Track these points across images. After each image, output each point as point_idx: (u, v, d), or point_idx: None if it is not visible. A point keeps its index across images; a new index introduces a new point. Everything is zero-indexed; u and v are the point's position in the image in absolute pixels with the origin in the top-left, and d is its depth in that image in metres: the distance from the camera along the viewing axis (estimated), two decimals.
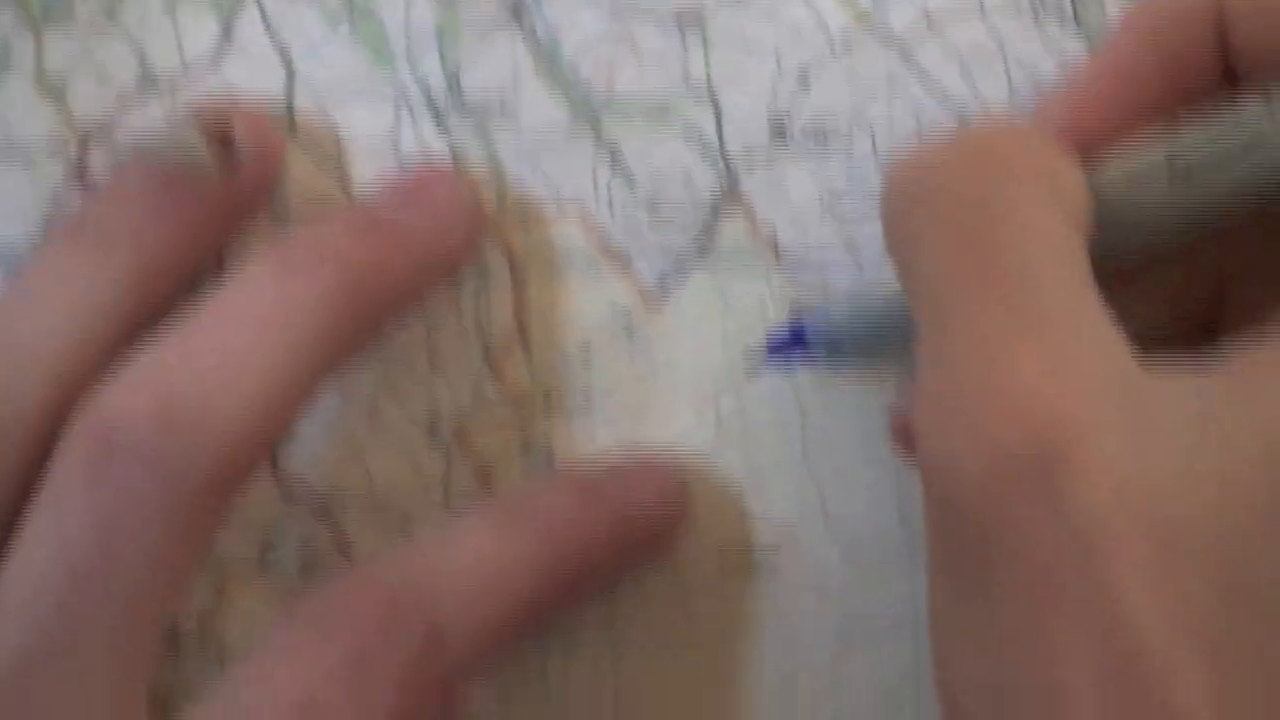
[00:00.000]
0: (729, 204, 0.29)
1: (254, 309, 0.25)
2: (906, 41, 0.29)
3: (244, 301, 0.25)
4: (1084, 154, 0.23)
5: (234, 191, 0.27)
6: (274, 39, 0.29)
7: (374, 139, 0.29)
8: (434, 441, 0.29)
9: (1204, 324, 0.25)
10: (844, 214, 0.29)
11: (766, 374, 0.29)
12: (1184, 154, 0.22)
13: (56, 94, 0.29)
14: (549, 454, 0.29)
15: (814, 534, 0.29)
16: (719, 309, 0.29)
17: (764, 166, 0.29)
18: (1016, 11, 0.29)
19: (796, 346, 0.28)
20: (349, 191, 0.29)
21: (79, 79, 0.29)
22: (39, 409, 0.25)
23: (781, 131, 0.29)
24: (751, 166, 0.29)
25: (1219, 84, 0.24)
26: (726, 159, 0.29)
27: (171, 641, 0.29)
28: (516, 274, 0.29)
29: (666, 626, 0.29)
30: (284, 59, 0.29)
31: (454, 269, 0.28)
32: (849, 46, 0.29)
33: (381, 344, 0.29)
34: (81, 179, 0.29)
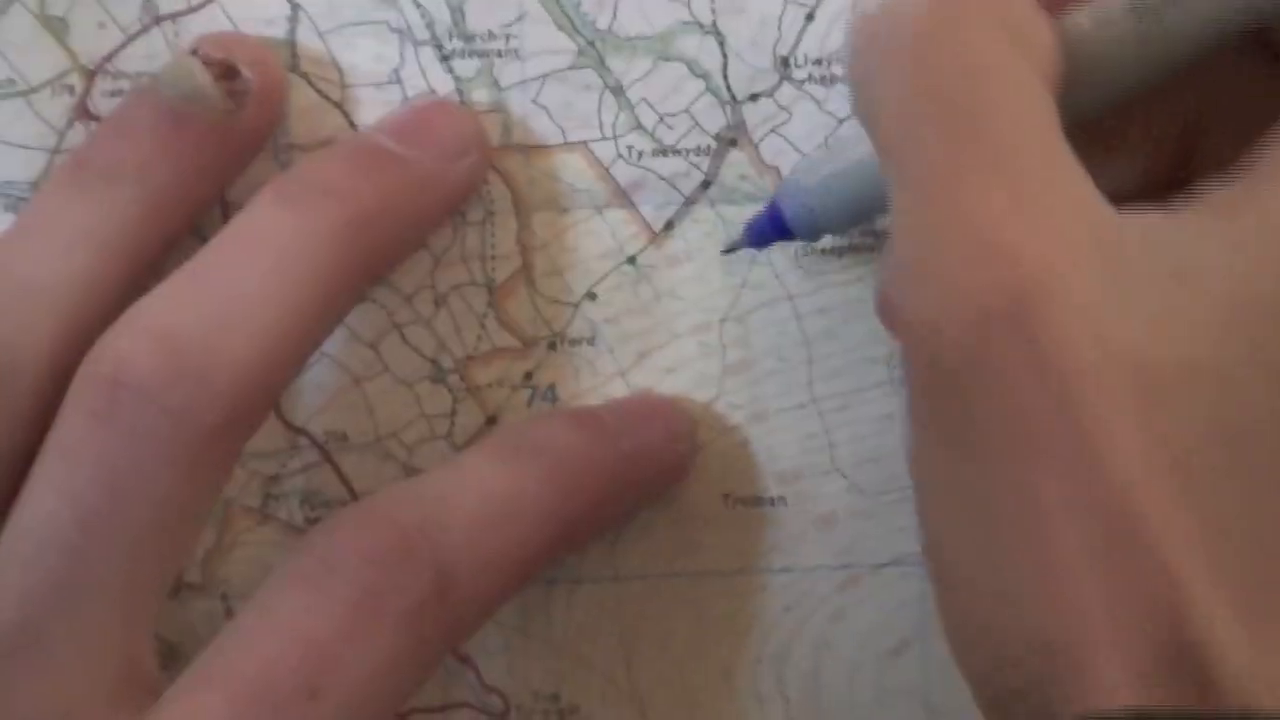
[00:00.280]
0: (733, 137, 0.29)
1: (260, 247, 0.24)
2: None
3: (250, 240, 0.25)
4: (1051, 7, 0.23)
5: (239, 125, 0.27)
6: None
7: (378, 74, 0.29)
8: (438, 380, 0.29)
9: (1173, 183, 0.25)
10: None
11: (768, 306, 0.29)
12: None
13: (59, 30, 0.29)
14: (554, 389, 0.29)
15: (819, 465, 0.29)
16: (722, 241, 0.29)
17: (768, 98, 0.29)
18: None
19: (774, 229, 0.27)
20: (353, 127, 0.29)
21: (82, 15, 0.29)
22: (48, 349, 0.24)
23: (786, 63, 0.29)
24: (756, 99, 0.29)
25: None
26: (731, 92, 0.29)
27: (175, 588, 0.29)
28: (520, 209, 0.29)
29: (669, 560, 0.29)
30: None
31: (460, 201, 0.28)
32: None
33: (385, 282, 0.29)
34: (85, 115, 0.29)
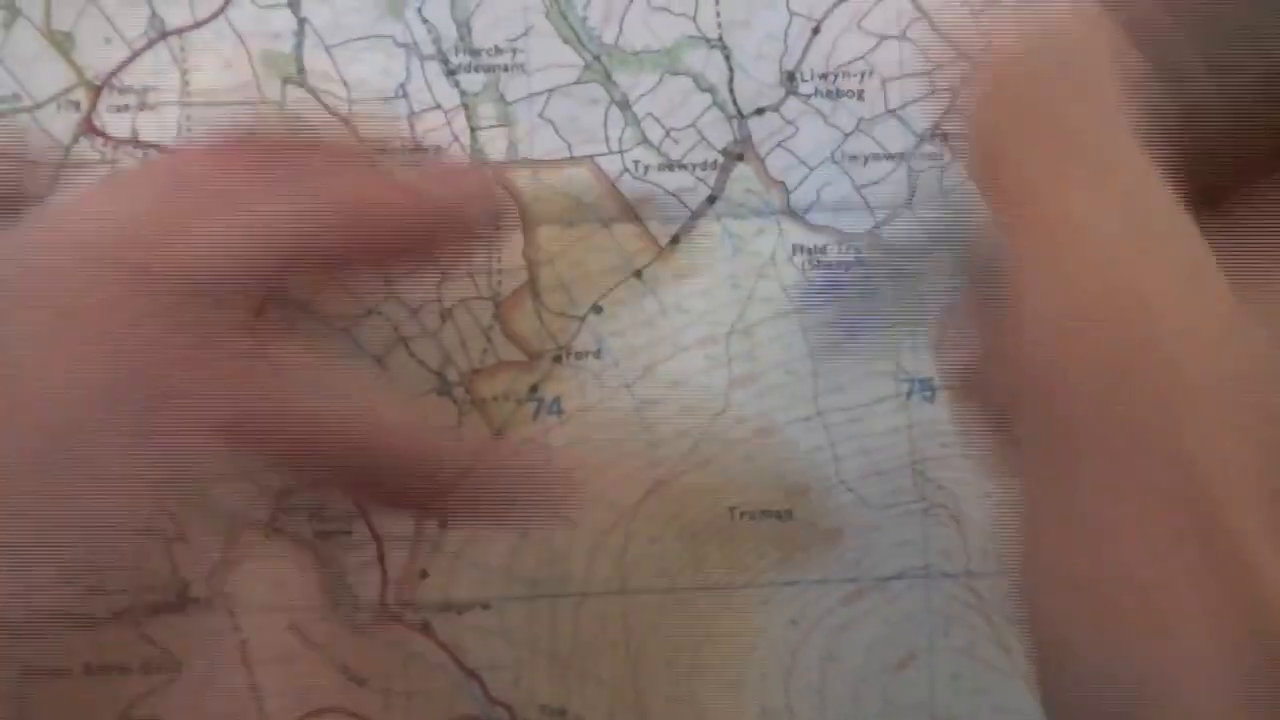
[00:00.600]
0: (739, 151, 0.29)
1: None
2: None
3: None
4: None
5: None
6: None
7: (384, 89, 0.29)
8: (444, 393, 0.29)
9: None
10: (853, 159, 0.29)
11: (774, 320, 0.29)
12: None
13: (65, 45, 0.29)
14: (559, 402, 0.29)
15: (825, 478, 0.29)
16: (729, 253, 0.29)
17: (774, 113, 0.29)
18: None
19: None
20: (360, 140, 0.29)
21: (87, 30, 0.29)
22: None
23: (792, 77, 0.29)
24: (762, 113, 0.29)
25: None
26: (737, 106, 0.29)
27: (180, 602, 0.29)
28: (527, 223, 0.29)
29: (676, 574, 0.29)
30: (294, 7, 0.29)
31: (466, 235, 0.28)
32: None
33: (391, 295, 0.29)
34: (91, 131, 0.29)
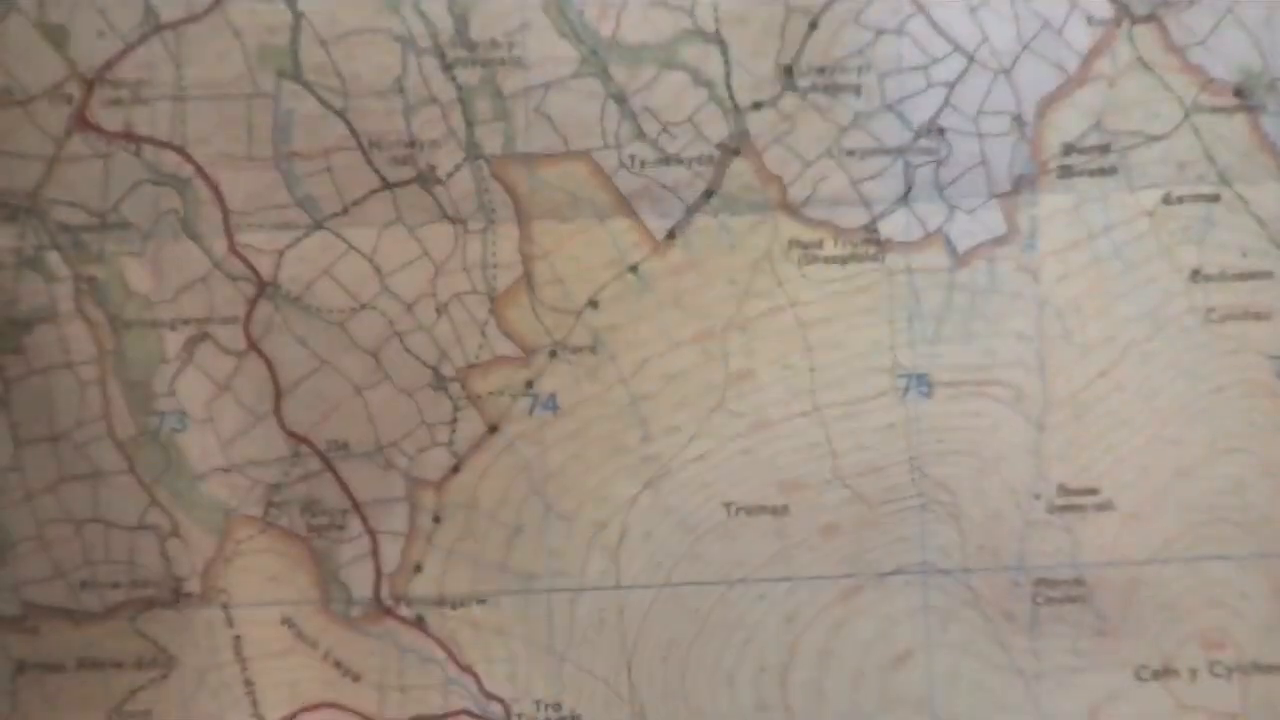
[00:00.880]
0: (736, 146, 0.29)
1: None
2: None
3: None
4: None
5: None
6: None
7: (380, 83, 0.29)
8: (439, 388, 0.29)
9: None
10: (850, 153, 0.29)
11: (771, 314, 0.29)
12: None
13: (58, 38, 0.29)
14: (555, 397, 0.29)
15: (821, 474, 0.29)
16: (725, 248, 0.29)
17: (771, 108, 0.29)
18: None
19: None
20: (355, 135, 0.29)
21: (81, 23, 0.29)
22: None
23: (789, 72, 0.29)
24: (759, 108, 0.29)
25: None
26: (734, 100, 0.29)
27: (174, 597, 0.29)
28: (522, 218, 0.29)
29: (671, 569, 0.29)
30: (290, 1, 0.29)
31: None
32: None
33: (386, 289, 0.29)
34: (84, 125, 0.29)
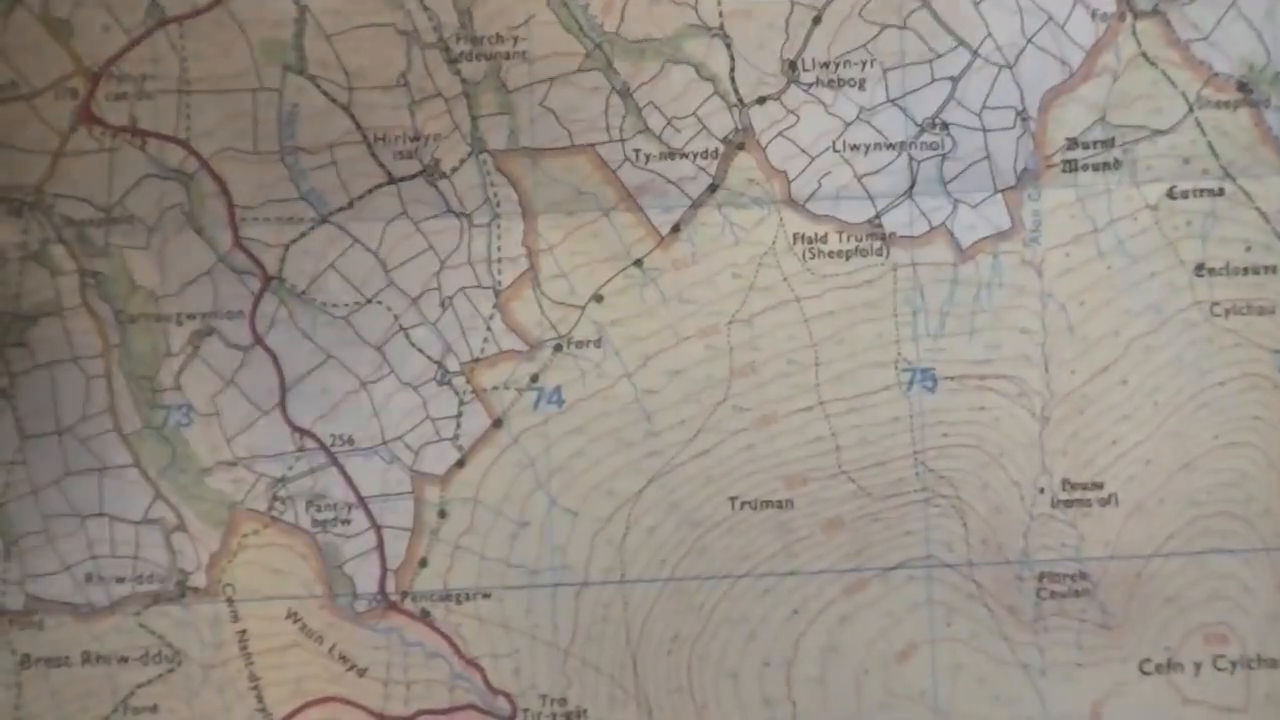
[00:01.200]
0: (740, 140, 0.29)
1: None
2: None
3: None
4: None
5: None
6: None
7: (385, 77, 0.29)
8: (444, 382, 0.29)
9: None
10: (854, 148, 0.29)
11: (776, 309, 0.29)
12: None
13: (63, 33, 0.29)
14: (560, 391, 0.29)
15: (826, 468, 0.29)
16: (729, 242, 0.29)
17: (775, 101, 0.29)
18: None
19: None
20: (360, 130, 0.29)
21: (86, 17, 0.29)
22: None
23: (793, 66, 0.29)
24: (763, 102, 0.29)
25: None
26: (738, 95, 0.29)
27: (179, 591, 0.29)
28: (527, 212, 0.29)
29: (676, 563, 0.29)
30: None
31: None
32: None
33: (391, 284, 0.29)
34: (89, 119, 0.29)
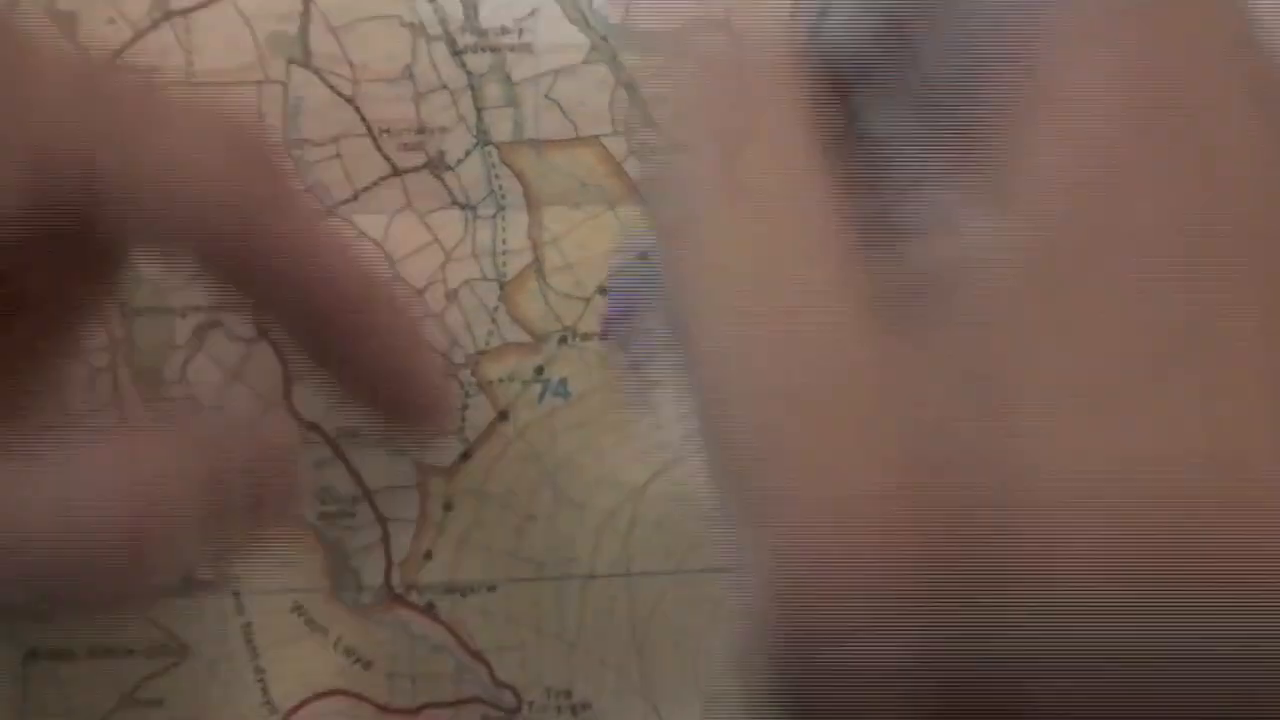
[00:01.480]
0: None
1: None
2: None
3: None
4: None
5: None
6: None
7: (390, 70, 0.29)
8: (450, 375, 0.29)
9: None
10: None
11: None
12: None
13: (68, 25, 0.29)
14: (565, 383, 0.29)
15: None
16: None
17: None
18: None
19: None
20: (365, 123, 0.29)
21: (91, 9, 0.29)
22: None
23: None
24: None
25: None
26: None
27: (186, 585, 0.29)
28: (532, 204, 0.29)
29: (682, 556, 0.30)
30: None
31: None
32: None
33: (396, 276, 0.29)
34: None
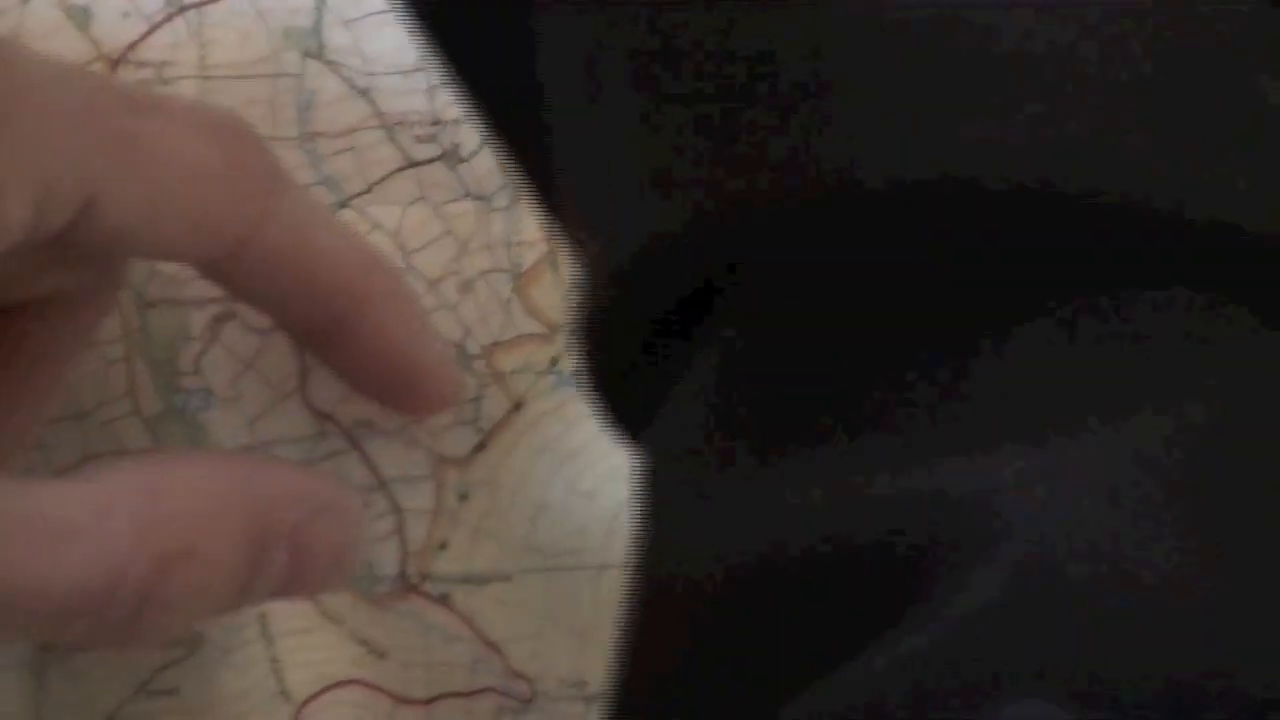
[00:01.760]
0: None
1: None
2: None
3: None
4: None
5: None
6: None
7: (403, 62, 0.29)
8: (464, 366, 0.29)
9: None
10: None
11: None
12: None
13: (82, 19, 0.29)
14: (578, 376, 0.29)
15: None
16: None
17: None
18: None
19: None
20: (378, 115, 0.29)
21: (105, 3, 0.29)
22: None
23: None
24: None
25: None
26: None
27: None
28: None
29: None
30: None
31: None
32: None
33: (411, 268, 0.29)
34: None
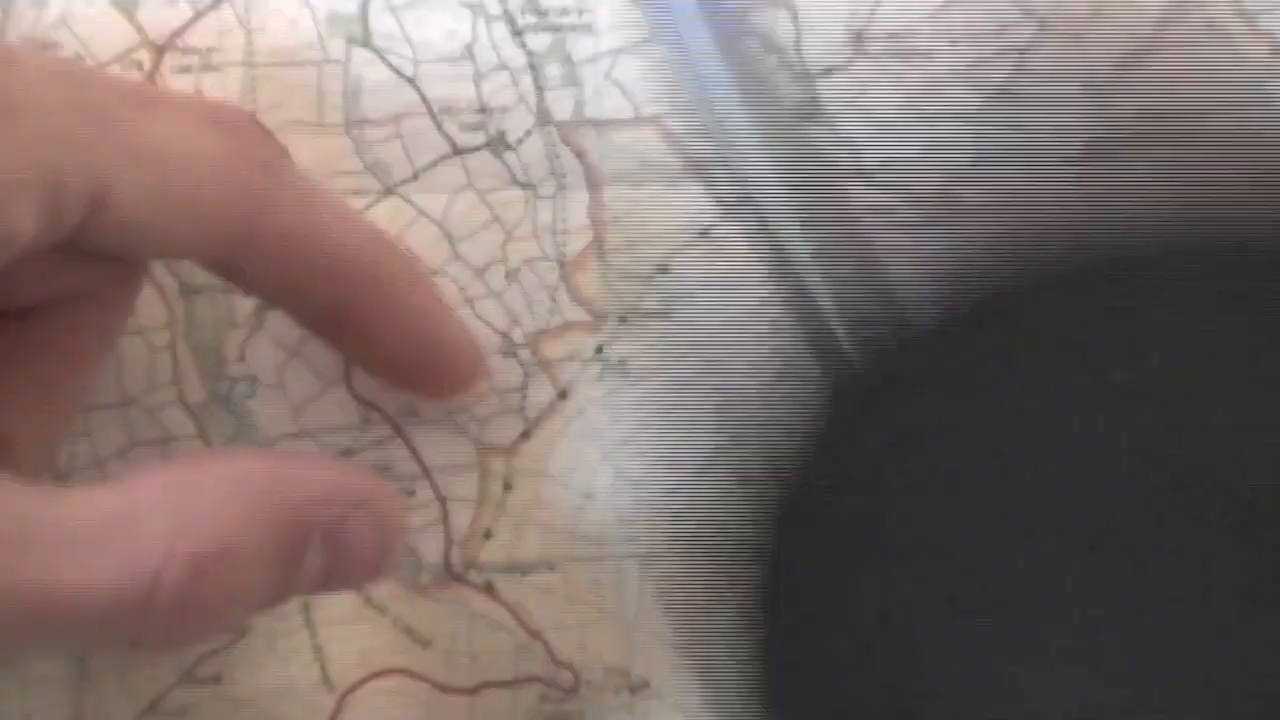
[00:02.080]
0: (807, 112, 0.29)
1: None
2: None
3: None
4: None
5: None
6: None
7: (450, 50, 0.29)
8: (510, 354, 0.29)
9: None
10: (922, 119, 0.29)
11: None
12: None
13: (128, 5, 0.29)
14: (625, 363, 0.29)
15: None
16: None
17: (842, 73, 0.29)
18: None
19: None
20: (425, 102, 0.29)
21: None
22: None
23: (860, 37, 0.29)
24: (830, 73, 0.29)
25: None
26: (805, 66, 0.29)
27: None
28: (593, 183, 0.29)
29: None
30: None
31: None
32: None
33: (457, 256, 0.29)
34: None
